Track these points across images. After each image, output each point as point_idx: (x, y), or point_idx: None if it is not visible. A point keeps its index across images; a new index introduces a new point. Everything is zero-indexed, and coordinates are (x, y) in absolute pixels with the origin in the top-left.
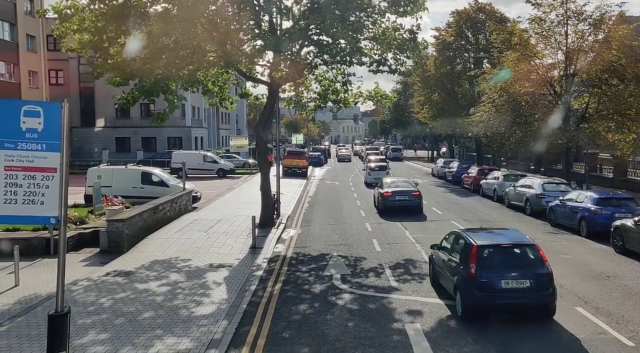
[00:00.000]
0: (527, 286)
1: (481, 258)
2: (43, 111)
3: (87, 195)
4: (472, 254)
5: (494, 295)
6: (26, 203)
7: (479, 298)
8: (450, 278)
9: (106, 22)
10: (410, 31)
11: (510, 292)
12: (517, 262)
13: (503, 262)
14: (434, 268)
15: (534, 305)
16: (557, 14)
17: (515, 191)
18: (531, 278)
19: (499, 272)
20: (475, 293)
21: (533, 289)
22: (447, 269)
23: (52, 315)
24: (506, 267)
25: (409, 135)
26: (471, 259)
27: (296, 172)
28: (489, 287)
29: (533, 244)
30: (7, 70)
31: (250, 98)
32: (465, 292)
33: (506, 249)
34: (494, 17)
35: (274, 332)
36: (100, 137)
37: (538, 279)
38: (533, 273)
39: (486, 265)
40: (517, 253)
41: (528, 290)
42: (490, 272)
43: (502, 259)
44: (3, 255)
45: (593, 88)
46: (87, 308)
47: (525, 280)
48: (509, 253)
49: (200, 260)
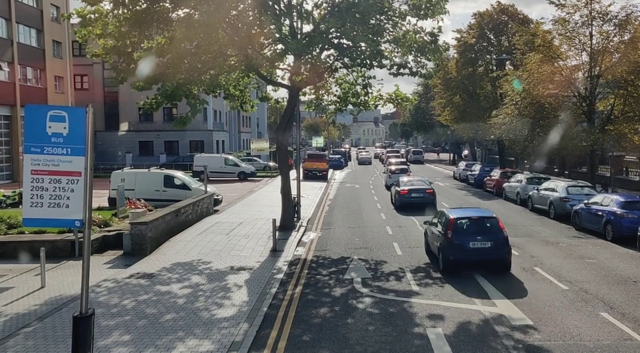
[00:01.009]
0: (489, 246)
1: (456, 227)
2: (68, 116)
3: (111, 198)
4: (450, 224)
5: (464, 253)
6: (52, 206)
7: (453, 255)
8: (435, 244)
9: (130, 27)
10: (431, 34)
11: (476, 250)
12: (482, 230)
13: (471, 229)
14: (426, 240)
15: (494, 260)
16: (582, 15)
17: (539, 194)
18: (491, 241)
19: (468, 237)
20: (451, 252)
21: (493, 248)
22: (434, 238)
23: (76, 316)
24: (474, 233)
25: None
26: (449, 228)
27: (316, 175)
28: (461, 247)
29: (494, 217)
30: (34, 75)
31: (270, 101)
32: (444, 252)
33: (474, 220)
34: (516, 19)
35: (294, 335)
36: (123, 140)
37: (497, 241)
38: (493, 237)
39: (459, 232)
40: (482, 223)
41: (489, 249)
42: (462, 237)
43: (470, 227)
44: (30, 257)
45: (618, 89)
46: (111, 310)
47: (487, 242)
48: (476, 223)
49: (221, 263)
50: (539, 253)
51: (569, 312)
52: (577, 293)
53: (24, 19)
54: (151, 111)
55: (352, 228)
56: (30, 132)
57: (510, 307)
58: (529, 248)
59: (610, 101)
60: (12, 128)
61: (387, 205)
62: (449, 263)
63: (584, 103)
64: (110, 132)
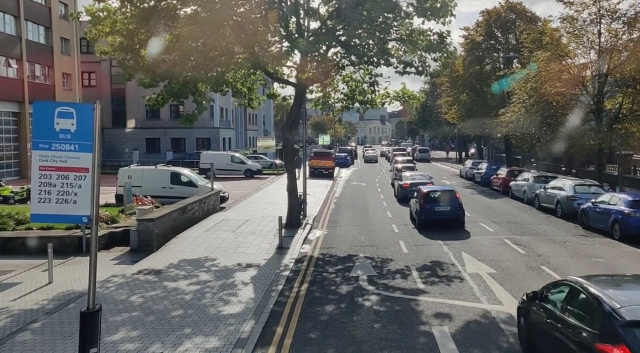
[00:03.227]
0: (448, 210)
1: (427, 197)
2: (76, 112)
3: (118, 194)
4: (423, 196)
5: (432, 214)
6: (60, 202)
7: (426, 216)
8: (416, 209)
9: (137, 25)
10: (439, 34)
11: (440, 212)
12: (444, 199)
13: (437, 199)
14: (410, 210)
15: (452, 219)
16: (590, 13)
17: (546, 193)
18: (450, 206)
19: (434, 204)
20: (423, 214)
21: (451, 212)
22: (414, 207)
23: (84, 312)
24: (438, 201)
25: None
26: (422, 198)
27: (322, 173)
28: (429, 210)
29: (453, 190)
30: (43, 72)
31: (277, 99)
32: (419, 214)
33: (439, 192)
34: (524, 17)
35: (300, 332)
36: (130, 137)
37: (454, 206)
38: (451, 204)
39: (429, 201)
40: (444, 195)
41: (448, 212)
42: (430, 204)
43: (436, 198)
44: (38, 252)
45: (627, 88)
46: (118, 306)
47: (447, 207)
48: (440, 194)
49: (227, 260)
50: (546, 252)
51: None
52: None
53: (33, 16)
54: (157, 107)
55: (358, 226)
56: (39, 128)
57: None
58: (535, 247)
59: (619, 99)
60: (20, 125)
61: (393, 204)
62: (421, 222)
63: (592, 101)
64: (118, 129)
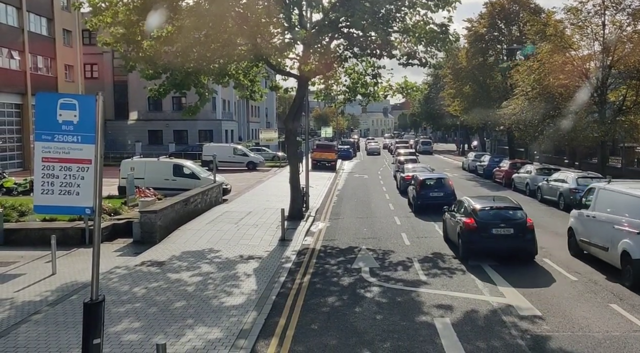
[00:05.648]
0: (441, 195)
1: (422, 184)
2: (78, 104)
3: (120, 186)
4: (419, 183)
5: (427, 199)
6: (62, 193)
7: (421, 201)
8: (413, 195)
9: (139, 16)
10: (442, 25)
11: (434, 198)
12: (438, 185)
13: (431, 185)
14: (408, 196)
15: (445, 203)
16: (594, 4)
17: (549, 185)
18: (443, 192)
19: (429, 190)
20: (419, 199)
21: (444, 196)
22: (411, 193)
23: (87, 303)
24: (432, 187)
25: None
26: (418, 185)
27: (325, 165)
28: (425, 196)
29: (446, 177)
30: (45, 64)
31: (280, 91)
32: (416, 199)
33: (433, 180)
34: (528, 8)
35: (302, 323)
36: (133, 129)
37: (446, 192)
38: (444, 190)
39: (424, 187)
40: (438, 182)
41: (442, 197)
42: (425, 190)
43: (431, 184)
44: (41, 244)
45: (631, 80)
46: (121, 297)
47: (440, 193)
48: (434, 182)
49: (230, 252)
50: (548, 245)
51: (577, 303)
52: (586, 284)
53: (35, 7)
54: (159, 98)
55: (360, 218)
56: (41, 120)
57: (519, 298)
58: (538, 239)
59: (622, 91)
60: (23, 116)
61: (395, 196)
62: (417, 206)
63: (595, 93)
64: (120, 120)
